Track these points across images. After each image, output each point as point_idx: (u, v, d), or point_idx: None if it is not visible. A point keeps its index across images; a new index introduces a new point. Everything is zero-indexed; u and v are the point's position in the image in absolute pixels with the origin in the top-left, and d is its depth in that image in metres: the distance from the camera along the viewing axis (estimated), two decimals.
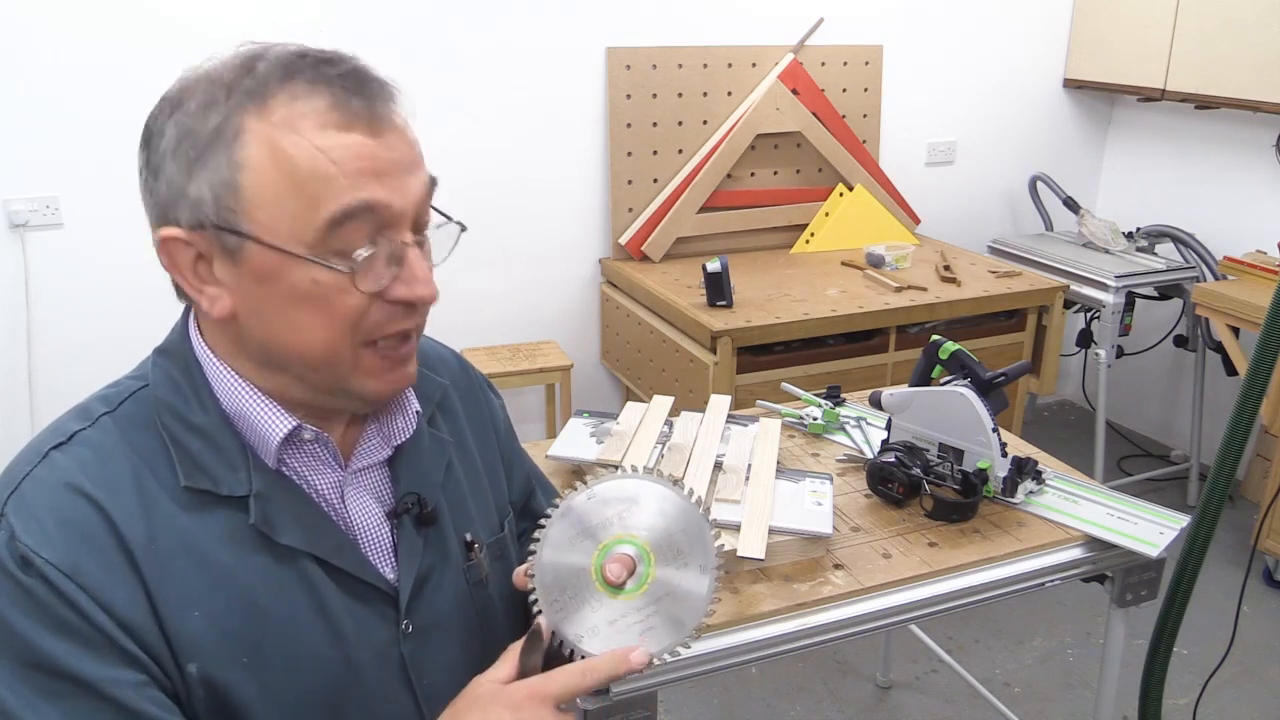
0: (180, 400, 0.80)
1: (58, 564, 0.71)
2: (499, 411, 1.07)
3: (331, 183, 0.73)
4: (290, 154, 0.72)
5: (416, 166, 0.78)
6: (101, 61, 2.46)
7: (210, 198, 0.74)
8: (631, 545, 0.80)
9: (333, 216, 0.73)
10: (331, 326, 0.76)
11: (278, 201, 0.73)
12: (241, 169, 0.73)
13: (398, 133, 0.76)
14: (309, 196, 0.73)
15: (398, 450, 0.90)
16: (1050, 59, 3.65)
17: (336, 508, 0.85)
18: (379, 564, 0.86)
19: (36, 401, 2.60)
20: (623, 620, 0.80)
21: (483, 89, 2.88)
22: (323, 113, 0.73)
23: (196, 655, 0.75)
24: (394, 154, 0.75)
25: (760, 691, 2.50)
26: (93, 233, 2.55)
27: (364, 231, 0.74)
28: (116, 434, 0.79)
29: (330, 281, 0.74)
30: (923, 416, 1.63)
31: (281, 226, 0.73)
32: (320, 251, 0.74)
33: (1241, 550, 3.05)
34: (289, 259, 0.74)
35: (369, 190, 0.73)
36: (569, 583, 0.80)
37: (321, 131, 0.73)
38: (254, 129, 0.73)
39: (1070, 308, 3.17)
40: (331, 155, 0.73)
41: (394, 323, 0.79)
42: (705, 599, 0.81)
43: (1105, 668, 1.65)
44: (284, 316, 0.76)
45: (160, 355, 0.84)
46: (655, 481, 0.82)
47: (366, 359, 0.79)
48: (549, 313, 3.16)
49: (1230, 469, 1.62)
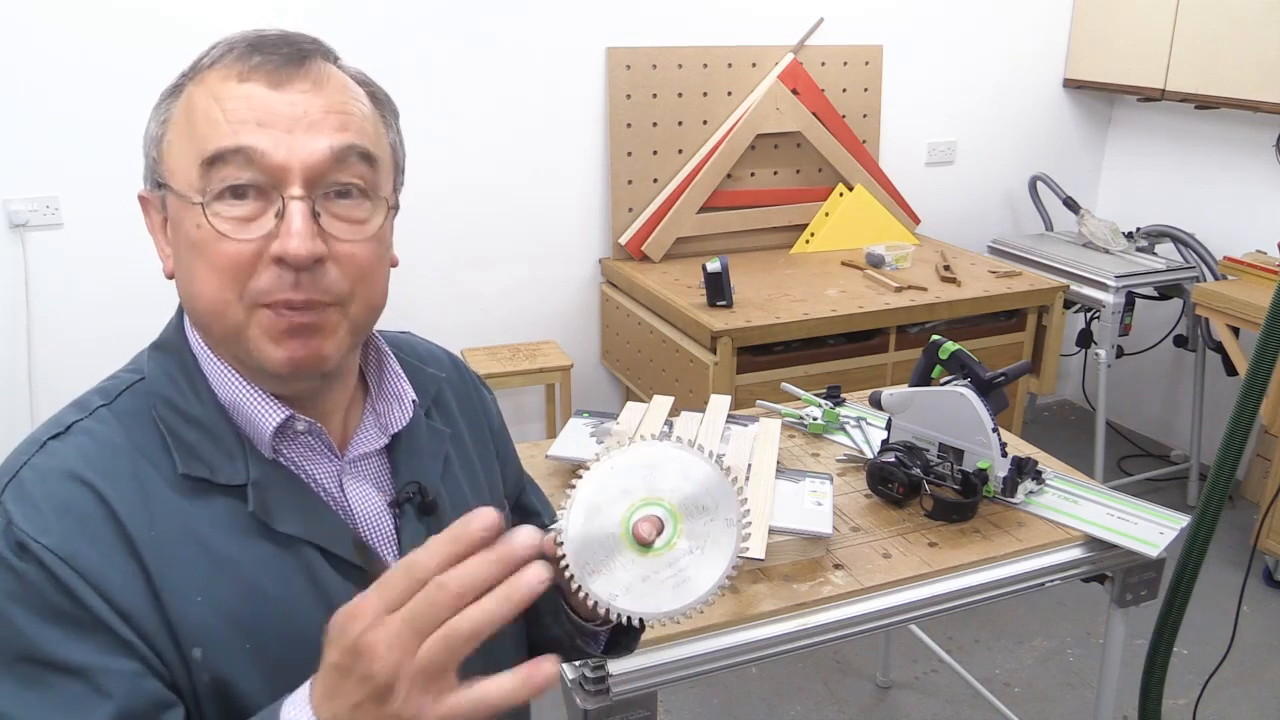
0: (176, 392, 0.81)
1: (55, 550, 0.71)
2: (492, 408, 1.08)
3: (216, 126, 0.75)
4: (194, 103, 0.77)
5: (326, 126, 0.76)
6: (102, 62, 2.46)
7: (150, 155, 0.80)
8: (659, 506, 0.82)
9: (207, 156, 0.74)
10: (213, 275, 0.76)
11: (181, 150, 0.77)
12: (165, 124, 0.79)
13: (309, 90, 0.77)
14: (197, 140, 0.75)
15: (396, 440, 0.90)
16: (1050, 59, 3.65)
17: (336, 497, 0.85)
18: (383, 552, 0.86)
19: (36, 400, 2.60)
20: (654, 577, 0.82)
21: (483, 89, 2.88)
22: (229, 65, 0.77)
23: (200, 641, 0.75)
24: (292, 108, 0.75)
25: (760, 691, 2.50)
26: (93, 233, 2.55)
27: (242, 177, 0.75)
28: (115, 424, 0.79)
29: (206, 226, 0.75)
30: (923, 416, 1.63)
31: (179, 172, 0.77)
32: (207, 201, 0.75)
33: (1241, 550, 3.05)
34: (182, 203, 0.76)
35: (248, 136, 0.74)
36: (599, 543, 0.82)
37: (223, 83, 0.76)
38: (186, 90, 0.78)
39: (1070, 308, 3.17)
40: (222, 103, 0.75)
41: (280, 289, 0.76)
42: (733, 548, 0.82)
43: (1105, 668, 1.65)
44: (185, 266, 0.78)
45: (156, 350, 0.84)
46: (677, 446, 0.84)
47: (260, 322, 0.77)
48: (549, 313, 3.16)
49: (1230, 469, 1.62)
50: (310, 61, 0.78)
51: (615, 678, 1.24)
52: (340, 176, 0.77)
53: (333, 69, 0.80)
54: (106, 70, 2.47)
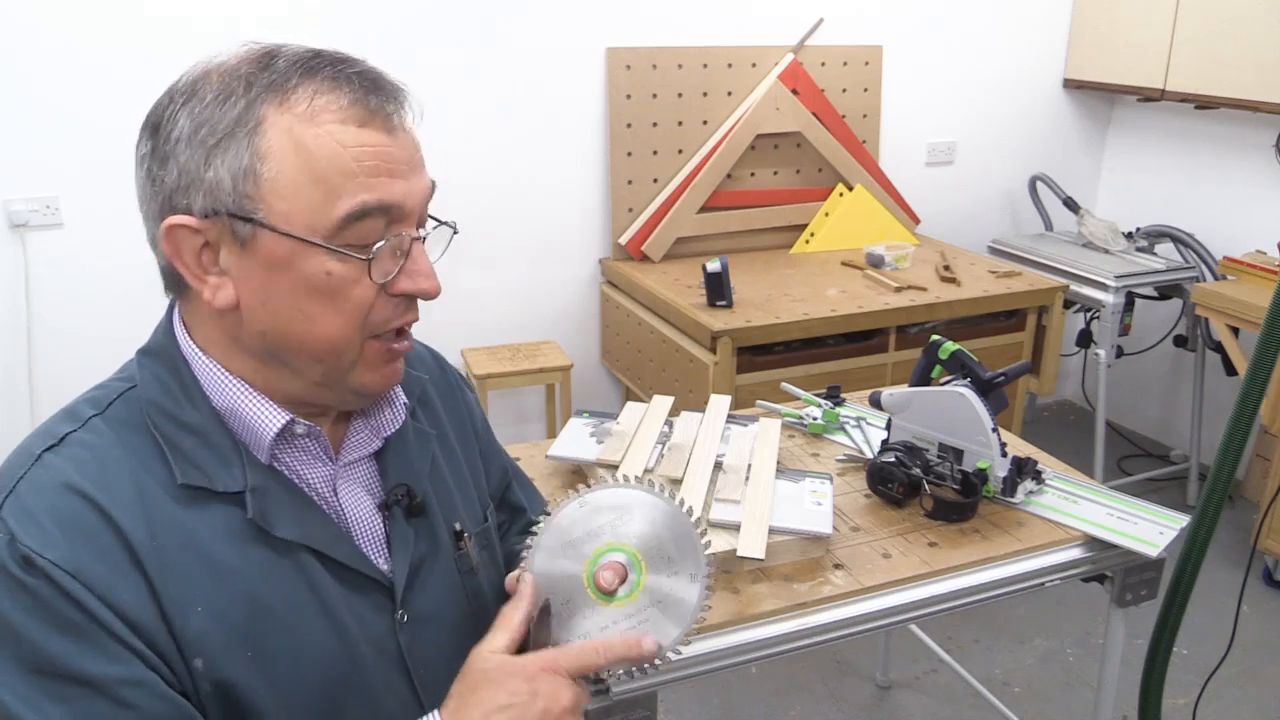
0: (169, 400, 0.80)
1: (61, 564, 0.71)
2: (475, 407, 1.09)
3: (350, 178, 0.75)
4: (310, 146, 0.74)
5: (422, 167, 0.81)
6: (102, 62, 2.46)
7: (230, 184, 0.74)
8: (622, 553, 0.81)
9: (351, 211, 0.75)
10: (342, 316, 0.78)
11: (296, 192, 0.74)
12: (262, 158, 0.74)
13: (407, 133, 0.79)
14: (328, 189, 0.75)
15: (385, 443, 0.91)
16: (1050, 59, 3.65)
17: (329, 501, 0.86)
18: (373, 555, 0.87)
19: (36, 400, 2.60)
20: (614, 627, 0.81)
21: (483, 89, 2.88)
22: (344, 109, 0.75)
23: (201, 651, 0.75)
24: (404, 152, 0.78)
25: (760, 691, 2.50)
26: (93, 233, 2.55)
27: (378, 227, 0.77)
28: (109, 434, 0.78)
29: (343, 272, 0.76)
30: (923, 416, 1.63)
31: (299, 216, 0.75)
32: (336, 243, 0.76)
33: (1241, 550, 3.05)
34: (304, 248, 0.75)
35: (385, 189, 0.76)
36: (561, 589, 0.81)
37: (342, 127, 0.75)
38: (275, 120, 0.74)
39: (1070, 308, 3.17)
40: (351, 151, 0.75)
41: (399, 316, 0.82)
42: (695, 606, 0.81)
43: (1105, 668, 1.65)
44: (294, 306, 0.77)
45: (145, 356, 0.84)
46: (645, 491, 0.83)
47: (369, 351, 0.81)
48: (549, 313, 3.16)
49: (1230, 469, 1.62)
50: (401, 100, 0.80)
51: (615, 678, 1.24)
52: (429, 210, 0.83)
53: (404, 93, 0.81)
54: (106, 70, 2.47)
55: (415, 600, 0.88)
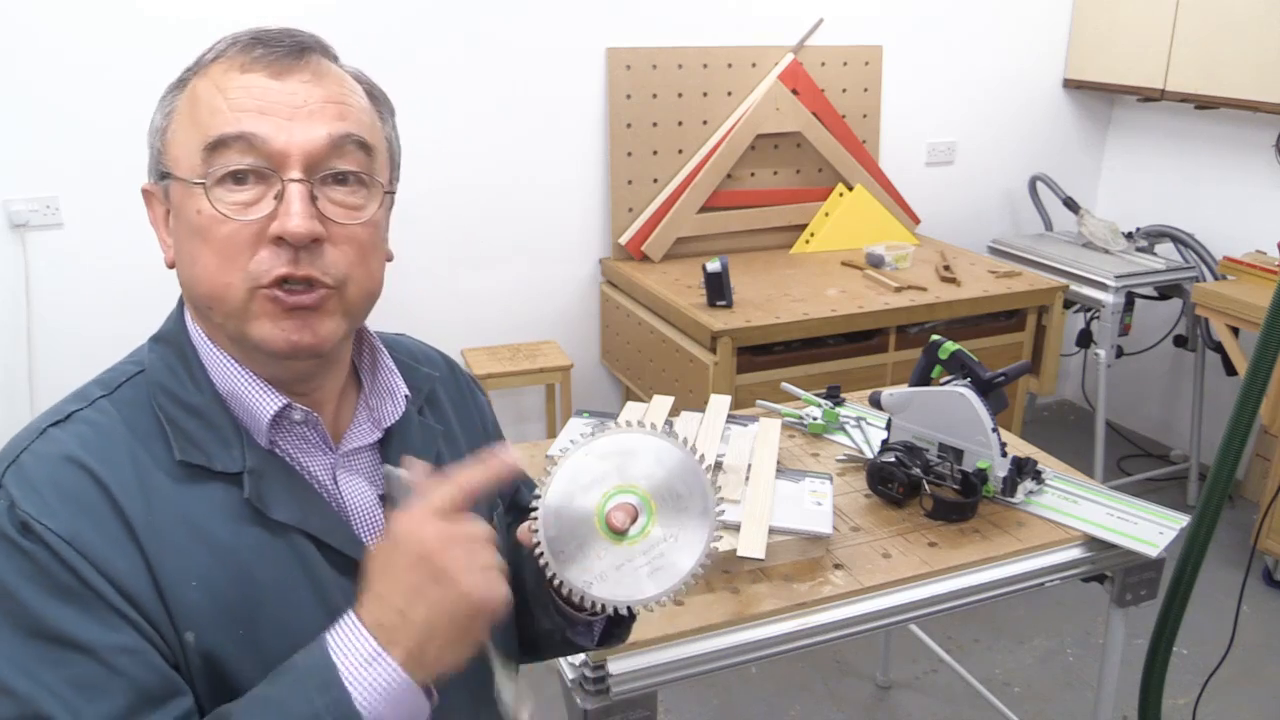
0: (175, 382, 0.82)
1: (59, 531, 0.72)
2: (487, 411, 1.10)
3: (217, 114, 0.77)
4: (198, 94, 0.79)
5: (324, 115, 0.79)
6: (102, 62, 2.46)
7: (155, 145, 0.82)
8: (633, 494, 0.82)
9: (210, 141, 0.77)
10: (216, 257, 0.78)
11: (184, 138, 0.79)
12: (169, 115, 0.81)
13: (308, 80, 0.80)
14: (200, 128, 0.78)
15: (388, 435, 0.91)
16: (1050, 59, 3.65)
17: (329, 489, 0.86)
18: (371, 544, 0.87)
19: (37, 400, 2.60)
20: (629, 565, 0.82)
21: (483, 89, 2.88)
22: (232, 58, 0.80)
23: (193, 625, 0.76)
24: (292, 97, 0.78)
25: (760, 691, 2.50)
26: (93, 233, 2.55)
27: (241, 161, 0.77)
28: (114, 414, 0.80)
29: (208, 209, 0.77)
30: (923, 416, 1.63)
31: (182, 160, 0.79)
32: (209, 185, 0.77)
33: (1241, 550, 3.05)
34: (184, 189, 0.78)
35: (249, 123, 0.77)
36: (573, 532, 0.82)
37: (225, 74, 0.79)
38: (190, 83, 0.81)
39: (1070, 308, 3.17)
40: (226, 92, 0.78)
41: (278, 263, 0.78)
42: (706, 540, 0.83)
43: (1105, 668, 1.65)
44: (186, 252, 0.80)
45: (156, 342, 0.86)
46: (651, 434, 0.84)
47: (260, 304, 0.79)
48: (549, 313, 3.16)
49: (1230, 469, 1.62)
50: (310, 54, 0.81)
51: (615, 678, 1.24)
52: (338, 163, 0.80)
53: (331, 64, 0.83)
54: (106, 70, 2.47)
55: None
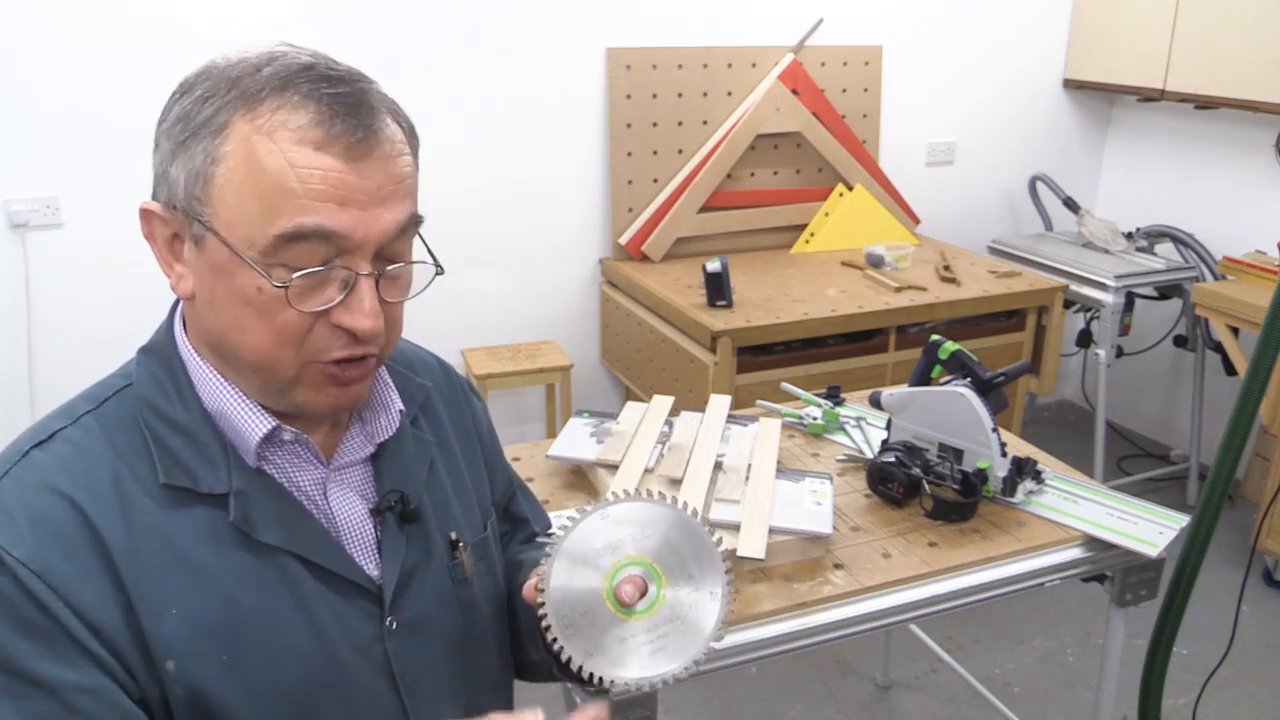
0: (162, 398, 0.81)
1: (27, 562, 0.71)
2: (481, 415, 1.08)
3: (291, 199, 0.73)
4: (261, 159, 0.73)
5: (394, 199, 0.77)
6: (102, 62, 2.46)
7: (184, 183, 0.76)
8: (643, 567, 0.81)
9: (284, 232, 0.73)
10: (272, 334, 0.76)
11: (240, 203, 0.74)
12: (216, 163, 0.74)
13: (380, 163, 0.76)
14: (269, 206, 0.73)
15: (381, 448, 0.90)
16: (1050, 59, 3.65)
17: (320, 504, 0.85)
18: (363, 561, 0.86)
19: (36, 401, 2.60)
20: (633, 640, 0.81)
21: (483, 89, 2.88)
22: (303, 128, 0.73)
23: (174, 654, 0.75)
24: (367, 183, 0.75)
25: (760, 691, 2.50)
26: (93, 233, 2.55)
27: (317, 253, 0.74)
28: (98, 432, 0.79)
29: (271, 292, 0.75)
30: (923, 416, 1.63)
31: (239, 227, 0.74)
32: (268, 261, 0.74)
33: (1241, 550, 3.05)
34: (236, 260, 0.75)
35: (327, 215, 0.73)
36: (580, 602, 0.81)
37: (297, 146, 0.73)
38: (239, 128, 0.73)
39: (1070, 308, 3.17)
40: (299, 172, 0.72)
41: (337, 348, 0.78)
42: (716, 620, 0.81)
43: (1105, 668, 1.65)
44: (231, 312, 0.77)
45: (145, 354, 0.84)
46: (668, 507, 0.83)
47: (310, 375, 0.79)
48: (549, 313, 3.16)
49: (1230, 469, 1.62)
50: (380, 127, 0.76)
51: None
52: (401, 248, 0.79)
53: (391, 126, 0.78)
54: (106, 70, 2.47)
55: (405, 608, 0.88)
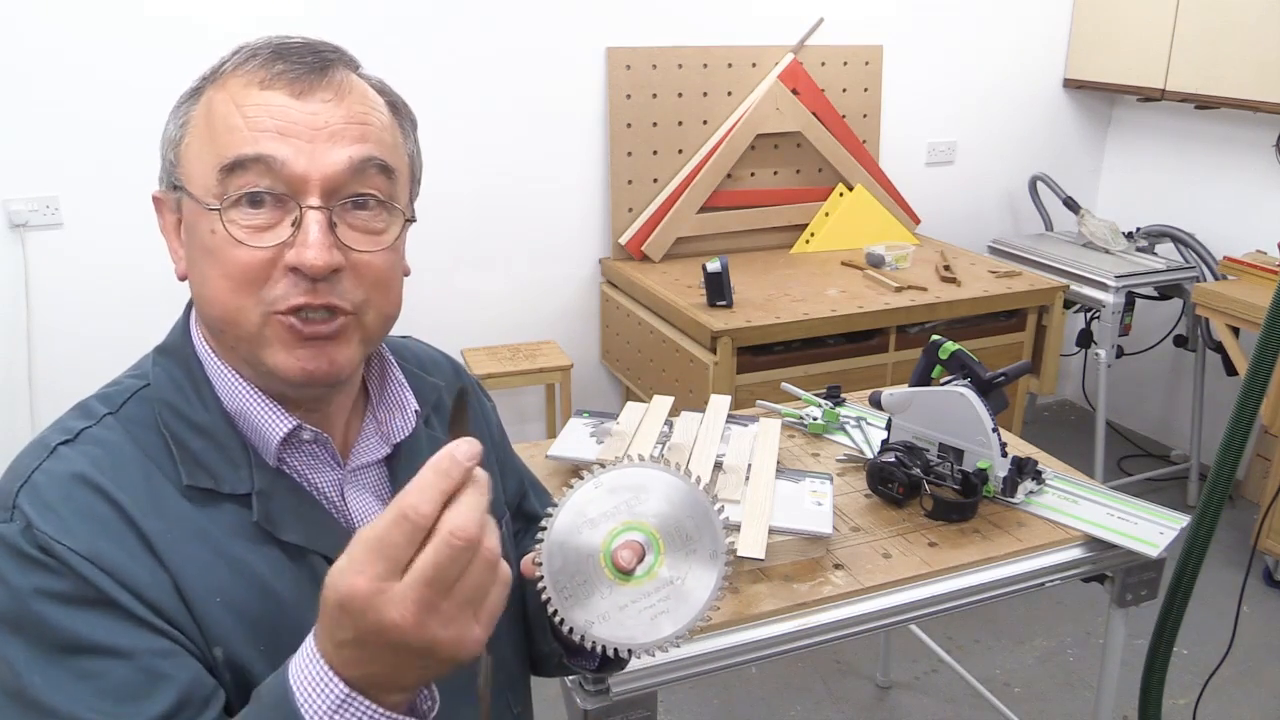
0: (181, 399, 0.80)
1: (80, 551, 0.71)
2: (492, 415, 1.08)
3: (235, 133, 0.74)
4: (214, 109, 0.76)
5: (346, 138, 0.76)
6: (101, 62, 2.46)
7: (167, 155, 0.79)
8: (640, 532, 0.80)
9: (226, 163, 0.74)
10: (227, 280, 0.75)
11: (199, 155, 0.76)
12: (184, 127, 0.78)
13: (332, 102, 0.76)
14: (217, 146, 0.75)
15: (396, 449, 0.90)
16: (1050, 59, 3.65)
17: (338, 505, 0.85)
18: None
19: (36, 401, 2.60)
20: (632, 606, 0.80)
21: (483, 89, 2.88)
22: (251, 72, 0.76)
23: (221, 640, 0.75)
24: (314, 118, 0.75)
25: (760, 691, 2.50)
26: (93, 233, 2.55)
27: (259, 184, 0.74)
28: (121, 433, 0.79)
29: (222, 232, 0.75)
30: (923, 416, 1.63)
31: (198, 177, 0.76)
32: (223, 207, 0.75)
33: (1241, 550, 3.05)
34: (198, 208, 0.76)
35: (269, 144, 0.74)
36: (578, 569, 0.80)
37: (245, 89, 0.75)
38: (205, 94, 0.78)
39: (1070, 308, 3.17)
40: (244, 110, 0.75)
41: (295, 295, 0.76)
42: (714, 585, 0.81)
43: (1105, 668, 1.65)
44: (199, 271, 0.78)
45: (161, 354, 0.84)
46: (662, 470, 0.82)
47: (275, 331, 0.77)
48: (549, 313, 3.16)
49: (1230, 469, 1.62)
50: (332, 70, 0.78)
51: (615, 678, 1.24)
52: (358, 188, 0.77)
53: (354, 78, 0.80)
54: (106, 70, 2.47)
55: None
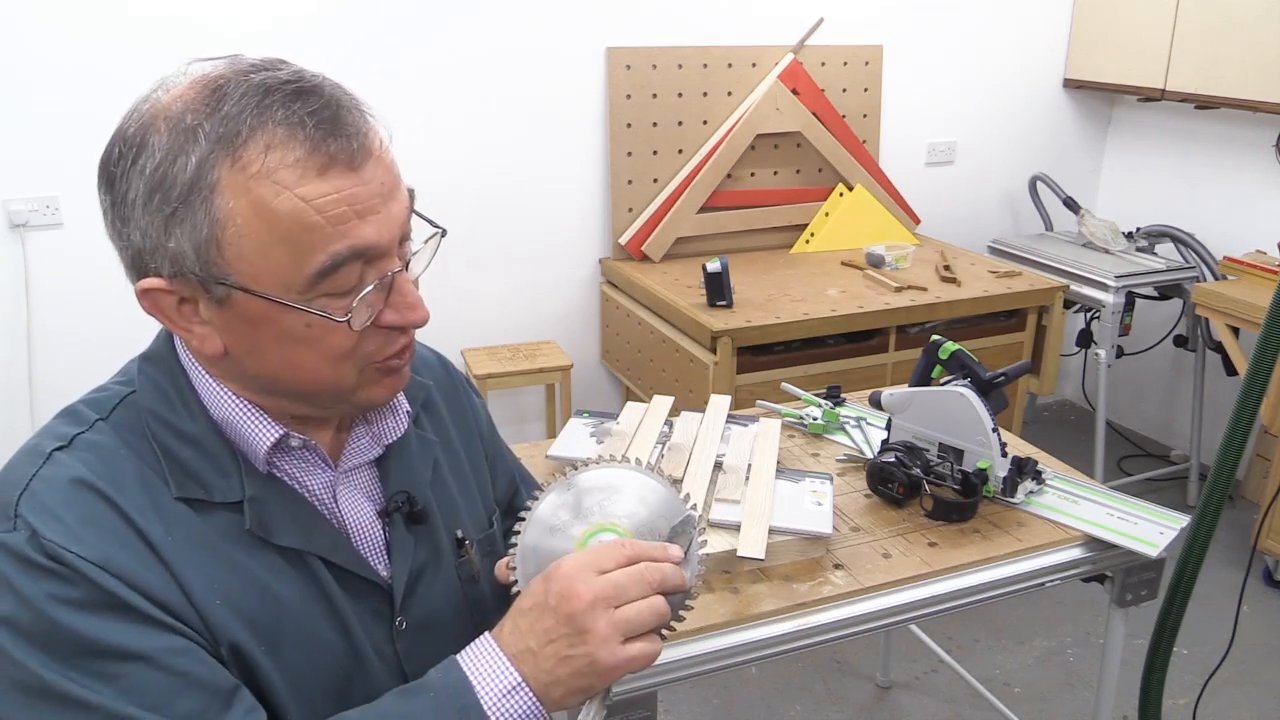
0: (168, 409, 0.80)
1: (91, 558, 0.71)
2: (481, 411, 1.08)
3: (317, 232, 0.71)
4: (271, 206, 0.70)
5: (396, 190, 0.76)
6: (102, 62, 2.46)
7: (192, 252, 0.72)
8: (613, 533, 0.80)
9: (322, 267, 0.72)
10: (328, 360, 0.77)
11: (264, 254, 0.71)
12: (222, 225, 0.71)
13: (374, 161, 0.74)
14: (296, 248, 0.71)
15: (386, 450, 0.90)
16: (1050, 59, 3.65)
17: (330, 506, 0.86)
18: (373, 562, 0.87)
19: (36, 401, 2.60)
20: None
21: (483, 89, 2.87)
22: (301, 160, 0.70)
23: (226, 640, 0.76)
24: (373, 187, 0.74)
25: (760, 691, 2.50)
26: (93, 233, 2.52)
27: (355, 272, 0.74)
28: (115, 437, 0.79)
29: (323, 324, 0.75)
30: (923, 416, 1.63)
31: (270, 277, 0.72)
32: (311, 297, 0.73)
33: (1241, 550, 3.05)
34: (279, 306, 0.73)
35: (355, 234, 0.73)
36: None
37: (301, 180, 0.70)
38: (230, 181, 0.70)
39: (1070, 308, 3.17)
40: (315, 205, 0.71)
41: (390, 345, 0.80)
42: (690, 576, 0.80)
43: (1105, 668, 1.65)
44: (280, 355, 0.76)
45: (146, 362, 0.83)
46: (636, 470, 0.82)
47: (368, 375, 0.80)
48: (549, 313, 3.16)
49: (1230, 469, 1.62)
50: (364, 127, 0.74)
51: None
52: (409, 225, 0.79)
53: (364, 118, 0.75)
54: (106, 70, 2.46)
55: (414, 607, 0.88)
